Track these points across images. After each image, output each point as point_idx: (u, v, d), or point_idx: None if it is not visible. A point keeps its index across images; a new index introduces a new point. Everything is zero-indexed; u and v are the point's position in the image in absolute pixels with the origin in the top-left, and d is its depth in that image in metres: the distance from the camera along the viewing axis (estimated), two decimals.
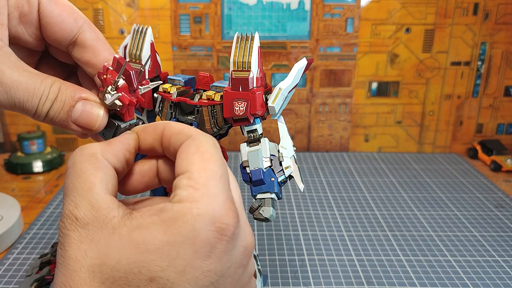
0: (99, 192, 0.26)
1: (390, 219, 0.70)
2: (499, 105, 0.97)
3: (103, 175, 0.27)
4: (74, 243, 0.25)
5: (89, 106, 0.29)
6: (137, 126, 0.30)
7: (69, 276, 0.24)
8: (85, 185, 0.26)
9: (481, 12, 0.91)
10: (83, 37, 0.31)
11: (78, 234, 0.25)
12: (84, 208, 0.25)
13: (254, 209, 0.41)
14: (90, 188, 0.26)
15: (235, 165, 0.90)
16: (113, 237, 0.24)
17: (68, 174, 0.27)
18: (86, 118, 0.29)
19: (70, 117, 0.29)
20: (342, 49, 0.93)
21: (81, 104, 0.29)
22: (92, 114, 0.29)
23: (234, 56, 0.41)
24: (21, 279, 0.55)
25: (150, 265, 0.23)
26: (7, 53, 0.28)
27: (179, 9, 0.89)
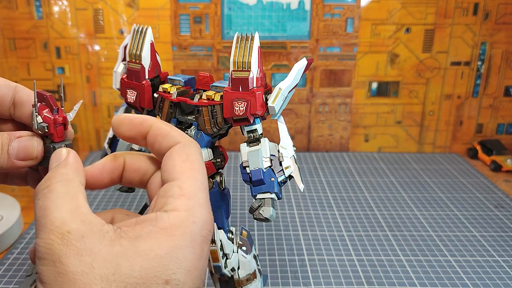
0: (86, 212, 0.26)
1: (390, 219, 0.70)
2: (499, 105, 0.97)
3: (82, 197, 0.27)
4: (72, 257, 0.24)
5: (24, 140, 0.32)
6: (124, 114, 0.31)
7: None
8: (70, 205, 0.26)
9: (481, 12, 0.91)
10: (20, 95, 0.33)
11: (74, 248, 0.24)
12: (74, 223, 0.25)
13: (254, 209, 0.41)
14: (76, 208, 0.26)
15: (235, 165, 0.90)
16: (116, 248, 0.25)
17: (45, 197, 0.27)
18: (24, 150, 0.31)
19: (10, 156, 0.31)
20: (342, 49, 0.93)
21: (17, 141, 0.31)
22: (27, 145, 0.32)
23: (234, 56, 0.41)
24: (21, 279, 0.55)
25: (163, 269, 0.25)
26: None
27: (179, 9, 0.89)
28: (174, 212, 0.26)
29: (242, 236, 0.48)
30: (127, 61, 0.45)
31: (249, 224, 0.68)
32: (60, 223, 0.25)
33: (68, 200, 0.26)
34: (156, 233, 0.25)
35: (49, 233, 0.25)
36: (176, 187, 0.27)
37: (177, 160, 0.28)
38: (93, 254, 0.24)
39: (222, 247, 0.45)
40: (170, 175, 0.28)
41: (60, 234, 0.25)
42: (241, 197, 0.77)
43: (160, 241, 0.25)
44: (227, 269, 0.45)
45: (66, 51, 0.91)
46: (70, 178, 0.28)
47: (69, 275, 0.24)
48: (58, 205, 0.26)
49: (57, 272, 0.24)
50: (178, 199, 0.27)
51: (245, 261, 0.47)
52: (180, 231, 0.26)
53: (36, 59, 0.91)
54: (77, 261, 0.24)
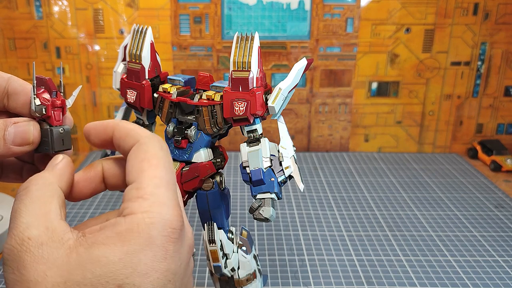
0: (54, 218, 0.26)
1: (390, 219, 0.70)
2: (499, 105, 0.97)
3: (57, 202, 0.27)
4: (29, 265, 0.24)
5: (20, 125, 0.31)
6: (92, 122, 0.31)
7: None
8: (40, 210, 0.26)
9: (481, 12, 0.91)
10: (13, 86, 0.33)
11: (31, 255, 0.24)
12: (37, 229, 0.25)
13: (254, 209, 0.41)
14: (46, 213, 0.26)
15: (235, 165, 0.90)
16: (72, 256, 0.25)
17: (20, 199, 0.27)
18: (21, 135, 0.31)
19: (7, 141, 0.31)
20: (342, 49, 0.93)
21: (13, 127, 0.31)
22: (24, 130, 0.31)
23: (234, 56, 0.41)
24: None
25: (115, 274, 0.25)
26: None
27: (179, 9, 0.89)
28: (130, 215, 0.26)
29: (242, 236, 0.49)
30: (127, 61, 0.45)
31: (249, 224, 0.68)
32: (23, 228, 0.25)
33: (40, 204, 0.26)
34: (111, 239, 0.25)
35: (12, 238, 0.25)
36: (134, 189, 0.27)
37: (135, 160, 0.28)
38: (48, 263, 0.24)
39: (222, 247, 0.45)
40: (129, 177, 0.28)
41: (21, 240, 0.25)
42: (241, 197, 0.77)
43: (114, 246, 0.25)
44: (227, 269, 0.45)
45: (66, 51, 0.91)
46: (49, 182, 0.28)
47: (24, 283, 0.24)
48: (28, 209, 0.26)
49: (14, 279, 0.24)
50: (135, 202, 0.26)
51: (245, 261, 0.47)
52: (134, 235, 0.25)
53: (36, 59, 0.91)
54: (32, 269, 0.24)
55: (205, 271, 0.57)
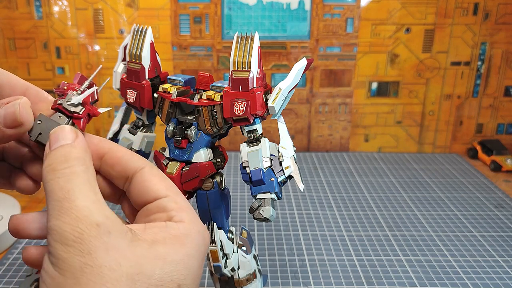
0: (107, 207, 0.26)
1: (390, 219, 0.70)
2: (499, 105, 0.97)
3: (98, 188, 0.27)
4: (101, 251, 0.24)
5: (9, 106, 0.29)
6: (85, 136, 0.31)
7: (108, 285, 0.24)
8: (94, 196, 0.26)
9: (481, 12, 0.91)
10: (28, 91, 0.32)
11: (102, 242, 0.24)
12: (101, 217, 0.25)
13: (254, 209, 0.40)
14: (100, 200, 0.26)
15: (235, 165, 0.90)
16: (137, 249, 0.26)
17: (67, 178, 0.26)
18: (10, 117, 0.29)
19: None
20: (342, 49, 0.93)
21: (3, 109, 0.29)
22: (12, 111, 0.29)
23: (234, 56, 0.41)
24: (21, 279, 0.55)
25: (178, 274, 0.26)
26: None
27: (179, 9, 0.89)
28: (181, 222, 0.28)
29: (242, 236, 0.48)
30: (127, 61, 0.45)
31: (249, 224, 0.68)
32: (88, 213, 0.25)
33: (91, 189, 0.26)
34: (170, 240, 0.27)
35: (77, 220, 0.24)
36: (172, 202, 0.29)
37: (156, 179, 0.30)
38: (119, 252, 0.25)
39: (222, 247, 0.45)
40: (157, 193, 0.29)
41: (90, 225, 0.25)
42: (241, 197, 0.77)
43: (175, 247, 0.27)
44: (227, 269, 0.45)
45: (66, 51, 0.91)
46: (88, 165, 0.28)
47: (97, 268, 0.24)
48: (82, 192, 0.26)
49: (84, 262, 0.24)
50: (180, 212, 0.29)
51: (245, 261, 0.47)
52: (189, 240, 0.28)
53: (36, 59, 0.91)
54: (106, 255, 0.24)
55: (205, 271, 0.57)
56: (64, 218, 0.25)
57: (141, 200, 0.30)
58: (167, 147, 0.45)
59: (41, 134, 0.30)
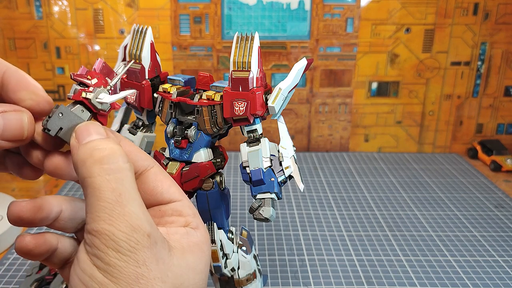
0: (147, 211, 0.26)
1: (390, 219, 0.70)
2: (499, 105, 0.97)
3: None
4: (153, 263, 0.24)
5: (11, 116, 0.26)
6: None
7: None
8: (140, 201, 0.25)
9: (481, 12, 0.91)
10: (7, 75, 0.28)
11: (153, 253, 0.24)
12: (149, 225, 0.25)
13: (254, 209, 0.41)
14: (143, 206, 0.26)
15: (235, 165, 0.90)
16: (175, 259, 0.26)
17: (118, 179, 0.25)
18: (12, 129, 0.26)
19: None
20: (342, 49, 0.93)
21: (1, 118, 0.26)
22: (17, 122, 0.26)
23: (234, 56, 0.41)
24: (21, 279, 0.55)
25: (202, 283, 0.28)
26: None
27: (179, 9, 0.89)
28: (198, 229, 0.29)
29: (242, 236, 0.49)
30: (127, 61, 0.45)
31: (249, 224, 0.68)
32: (140, 222, 0.24)
33: (137, 195, 0.26)
34: (194, 248, 0.28)
35: (132, 230, 0.24)
36: (187, 207, 0.29)
37: (169, 182, 0.30)
38: (165, 263, 0.25)
39: (222, 247, 0.45)
40: (172, 195, 0.29)
41: (143, 236, 0.24)
42: (241, 197, 0.77)
43: (199, 256, 0.28)
44: (227, 269, 0.45)
45: (66, 51, 0.91)
46: (131, 164, 0.26)
47: (152, 280, 0.24)
48: (132, 196, 0.25)
49: (140, 273, 0.24)
50: (195, 218, 0.29)
51: (245, 261, 0.47)
52: (206, 248, 0.29)
53: (36, 59, 0.91)
54: (157, 267, 0.24)
55: None
56: (118, 225, 0.24)
57: (152, 199, 0.29)
58: (167, 147, 0.45)
59: (62, 129, 0.27)
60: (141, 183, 0.29)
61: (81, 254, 0.25)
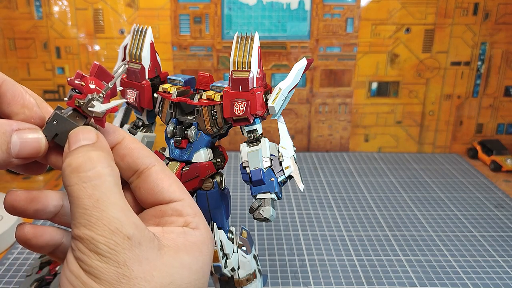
0: (133, 212, 0.26)
1: (390, 219, 0.70)
2: (499, 105, 0.97)
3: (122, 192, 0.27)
4: (135, 263, 0.25)
5: (25, 134, 0.26)
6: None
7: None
8: (122, 203, 0.26)
9: (481, 12, 0.91)
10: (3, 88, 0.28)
11: (134, 254, 0.25)
12: (130, 227, 0.25)
13: (254, 209, 0.41)
14: (127, 208, 0.26)
15: (235, 165, 0.90)
16: (165, 258, 0.26)
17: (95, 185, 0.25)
18: (28, 147, 0.26)
19: (11, 154, 0.26)
20: (342, 49, 0.93)
21: (17, 137, 0.26)
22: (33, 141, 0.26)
23: (234, 56, 0.41)
24: (21, 279, 0.55)
25: (199, 282, 0.27)
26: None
27: (179, 9, 0.89)
28: (198, 229, 0.29)
29: (242, 236, 0.49)
30: (127, 61, 0.45)
31: (249, 224, 0.68)
32: (119, 225, 0.25)
33: (118, 195, 0.26)
34: (191, 247, 0.27)
35: (110, 233, 0.24)
36: (188, 207, 0.29)
37: (170, 180, 0.30)
38: (151, 263, 0.25)
39: (222, 247, 0.45)
40: (172, 195, 0.29)
41: (122, 238, 0.25)
42: (241, 197, 0.77)
43: (196, 255, 0.28)
44: (227, 269, 0.45)
45: (66, 51, 0.91)
46: (113, 166, 0.26)
47: (133, 280, 0.25)
48: (111, 200, 0.25)
49: (121, 274, 0.24)
50: (196, 218, 0.29)
51: (245, 261, 0.47)
52: (205, 248, 0.28)
53: (36, 59, 0.91)
54: (140, 267, 0.25)
55: None
56: (96, 229, 0.24)
57: (153, 199, 0.29)
58: (167, 147, 0.45)
59: (58, 135, 0.27)
60: (142, 182, 0.29)
61: (69, 256, 0.25)
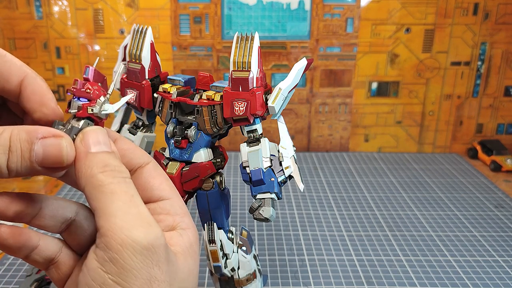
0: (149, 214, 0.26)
1: (390, 219, 0.70)
2: (499, 105, 0.97)
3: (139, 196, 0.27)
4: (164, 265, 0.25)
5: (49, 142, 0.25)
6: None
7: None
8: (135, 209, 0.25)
9: (481, 12, 0.91)
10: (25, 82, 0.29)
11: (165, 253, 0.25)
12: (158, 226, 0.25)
13: (254, 209, 0.40)
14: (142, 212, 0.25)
15: (235, 165, 0.90)
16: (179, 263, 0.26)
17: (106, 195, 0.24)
18: (52, 156, 0.25)
19: (34, 163, 0.25)
20: (342, 49, 0.93)
21: (40, 145, 0.25)
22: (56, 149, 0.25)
23: (234, 56, 0.41)
24: (21, 279, 0.55)
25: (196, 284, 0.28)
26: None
27: (179, 9, 0.89)
28: (188, 230, 0.28)
29: (242, 236, 0.48)
30: (127, 61, 0.45)
31: (249, 224, 0.68)
32: (152, 223, 0.25)
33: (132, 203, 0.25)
34: (189, 250, 0.28)
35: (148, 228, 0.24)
36: (177, 206, 0.29)
37: (161, 179, 0.29)
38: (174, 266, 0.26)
39: (222, 247, 0.45)
40: (162, 193, 0.29)
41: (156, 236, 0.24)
42: (241, 197, 0.77)
43: (194, 258, 0.28)
44: (227, 269, 0.45)
45: (66, 51, 0.91)
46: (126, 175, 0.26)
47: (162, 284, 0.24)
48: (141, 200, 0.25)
49: (153, 275, 0.24)
50: (185, 217, 0.29)
51: (245, 261, 0.47)
52: (197, 248, 0.28)
53: (36, 59, 0.91)
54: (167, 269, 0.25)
55: (205, 271, 0.57)
56: (134, 224, 0.24)
57: (143, 196, 0.29)
58: (167, 147, 0.45)
59: None
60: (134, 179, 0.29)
61: (91, 262, 0.24)
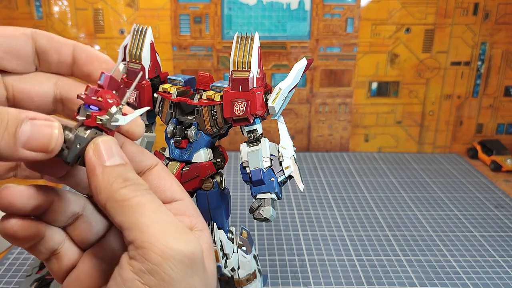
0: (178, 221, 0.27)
1: (390, 219, 0.70)
2: (499, 105, 0.97)
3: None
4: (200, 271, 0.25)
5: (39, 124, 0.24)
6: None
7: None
8: (166, 217, 0.25)
9: (481, 12, 0.91)
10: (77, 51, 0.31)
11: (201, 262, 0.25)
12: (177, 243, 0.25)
13: (254, 209, 0.41)
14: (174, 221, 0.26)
15: (235, 165, 0.90)
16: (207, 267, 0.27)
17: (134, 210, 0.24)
18: (39, 138, 0.23)
19: (18, 142, 0.23)
20: (342, 49, 0.93)
21: (29, 124, 0.23)
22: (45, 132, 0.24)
23: (234, 56, 0.41)
24: (21, 279, 0.55)
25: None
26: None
27: (179, 9, 0.89)
28: (204, 230, 0.29)
29: (242, 236, 0.49)
30: (127, 61, 0.45)
31: (249, 224, 0.68)
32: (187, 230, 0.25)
33: (162, 212, 0.25)
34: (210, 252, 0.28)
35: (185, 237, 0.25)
36: (191, 207, 0.29)
37: (172, 180, 0.29)
38: (206, 272, 0.26)
39: (222, 247, 0.45)
40: (174, 194, 0.29)
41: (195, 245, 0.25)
42: (241, 197, 0.77)
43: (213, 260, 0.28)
44: (227, 269, 0.45)
45: None
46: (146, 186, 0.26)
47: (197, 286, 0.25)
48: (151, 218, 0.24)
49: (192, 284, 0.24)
50: (199, 218, 0.29)
51: (245, 261, 0.47)
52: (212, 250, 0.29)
53: None
54: (203, 276, 0.25)
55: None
56: (171, 233, 0.24)
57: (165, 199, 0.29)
58: (167, 147, 0.45)
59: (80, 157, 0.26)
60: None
61: (127, 272, 0.23)
